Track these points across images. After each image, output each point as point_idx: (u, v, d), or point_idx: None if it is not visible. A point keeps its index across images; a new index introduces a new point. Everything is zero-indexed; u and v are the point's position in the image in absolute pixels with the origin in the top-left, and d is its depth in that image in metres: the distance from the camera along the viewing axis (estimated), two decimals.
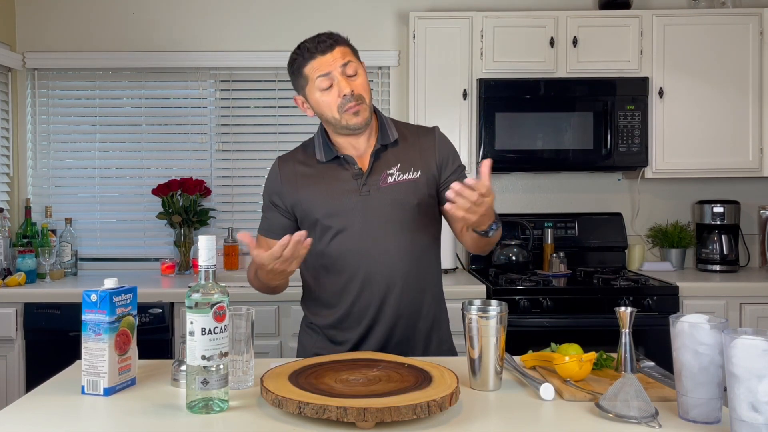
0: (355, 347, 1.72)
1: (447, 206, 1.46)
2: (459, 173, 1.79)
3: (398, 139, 1.77)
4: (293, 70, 1.73)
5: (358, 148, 1.75)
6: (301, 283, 1.87)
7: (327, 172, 1.74)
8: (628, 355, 1.41)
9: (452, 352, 1.82)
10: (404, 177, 1.72)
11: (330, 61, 1.66)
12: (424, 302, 1.76)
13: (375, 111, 1.78)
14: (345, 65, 1.67)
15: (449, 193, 1.42)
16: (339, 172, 1.73)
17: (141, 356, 1.52)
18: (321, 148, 1.76)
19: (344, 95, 1.67)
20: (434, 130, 1.82)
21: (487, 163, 1.45)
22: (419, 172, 1.74)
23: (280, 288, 1.78)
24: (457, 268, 3.36)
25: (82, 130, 3.56)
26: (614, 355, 1.47)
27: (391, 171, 1.72)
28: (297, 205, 1.75)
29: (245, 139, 3.56)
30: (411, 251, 1.72)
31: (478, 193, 1.41)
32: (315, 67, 1.67)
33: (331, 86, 1.68)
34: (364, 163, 1.74)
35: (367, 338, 1.73)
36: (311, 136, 1.83)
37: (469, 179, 1.42)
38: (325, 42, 1.67)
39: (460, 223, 1.65)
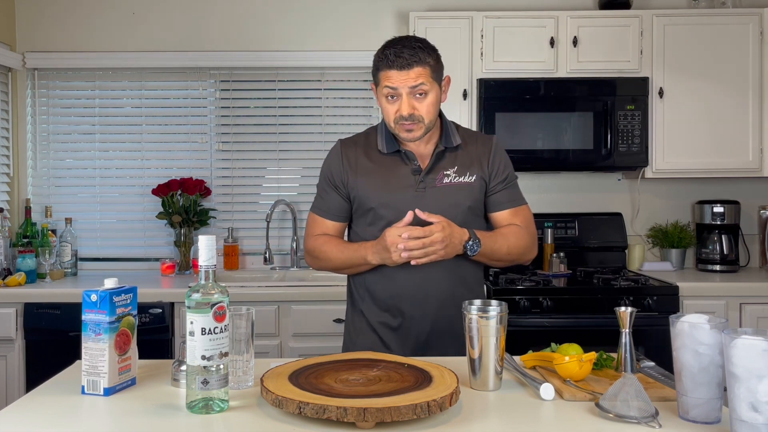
0: (398, 333, 1.81)
1: (404, 255, 1.66)
2: (507, 183, 1.88)
3: (460, 144, 1.84)
4: (373, 66, 1.80)
5: (419, 147, 1.83)
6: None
7: (387, 164, 1.83)
8: (628, 355, 1.41)
9: None
10: (459, 180, 1.82)
11: (402, 79, 1.73)
12: (464, 298, 1.80)
13: (440, 115, 1.86)
14: (415, 86, 1.73)
15: (400, 245, 1.66)
16: (399, 165, 1.83)
17: (141, 356, 1.52)
18: (384, 139, 1.84)
19: (401, 115, 1.74)
20: (492, 139, 1.91)
21: (417, 212, 1.69)
22: (474, 177, 1.82)
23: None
24: None
25: (82, 130, 3.55)
26: (614, 355, 1.47)
27: (448, 172, 1.81)
28: (354, 190, 1.83)
29: (245, 139, 3.56)
30: None
31: (421, 240, 1.64)
32: (388, 76, 1.74)
33: (395, 98, 1.75)
34: (425, 162, 1.82)
35: (410, 328, 1.81)
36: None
37: (413, 230, 1.65)
38: (405, 59, 1.72)
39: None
